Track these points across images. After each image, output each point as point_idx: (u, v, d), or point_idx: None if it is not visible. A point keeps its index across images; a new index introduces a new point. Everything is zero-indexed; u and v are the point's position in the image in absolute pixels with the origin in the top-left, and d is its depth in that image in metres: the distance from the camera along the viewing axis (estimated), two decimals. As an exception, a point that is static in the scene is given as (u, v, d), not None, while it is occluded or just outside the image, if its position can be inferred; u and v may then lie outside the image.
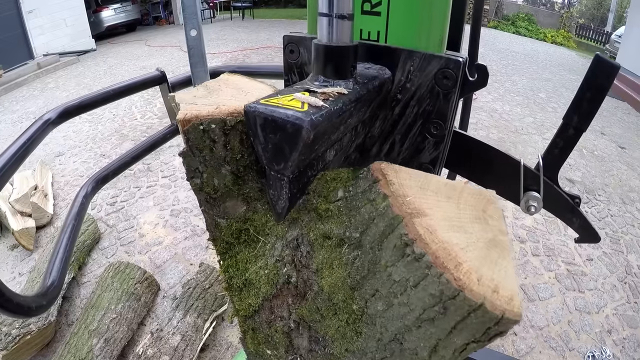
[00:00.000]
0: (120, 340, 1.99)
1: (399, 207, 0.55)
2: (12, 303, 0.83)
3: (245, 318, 0.86)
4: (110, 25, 11.58)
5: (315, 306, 0.71)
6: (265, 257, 0.79)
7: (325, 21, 0.74)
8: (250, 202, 0.78)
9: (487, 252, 0.51)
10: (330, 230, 0.66)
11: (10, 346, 1.90)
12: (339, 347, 0.70)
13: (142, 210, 3.36)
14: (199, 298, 2.13)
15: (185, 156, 0.71)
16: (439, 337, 0.53)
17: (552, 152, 1.15)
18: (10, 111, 6.04)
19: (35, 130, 1.06)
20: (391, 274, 0.56)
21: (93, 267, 2.71)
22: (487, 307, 0.45)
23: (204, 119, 0.67)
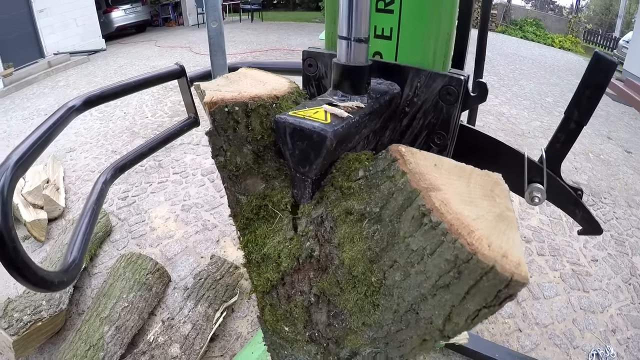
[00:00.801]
0: (131, 329, 2.02)
1: (416, 182, 0.60)
2: (36, 276, 0.87)
3: (264, 294, 0.91)
4: (120, 26, 11.67)
5: (335, 279, 0.75)
6: (283, 232, 0.84)
7: (345, 43, 0.86)
8: (269, 180, 0.85)
9: (496, 224, 0.55)
10: (352, 207, 0.71)
11: (21, 332, 1.92)
12: (357, 321, 0.74)
13: (153, 204, 3.40)
14: (210, 288, 2.17)
15: (211, 135, 0.79)
16: (453, 303, 0.57)
17: (554, 146, 1.19)
18: (21, 108, 6.12)
19: (60, 116, 1.10)
20: (409, 244, 0.60)
21: (104, 258, 2.75)
22: (497, 269, 0.49)
23: (228, 101, 0.75)
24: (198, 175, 3.83)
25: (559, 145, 1.18)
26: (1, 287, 2.56)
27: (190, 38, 11.22)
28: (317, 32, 11.54)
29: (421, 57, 1.01)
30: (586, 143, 4.86)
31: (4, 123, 5.50)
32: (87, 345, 1.86)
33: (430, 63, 1.00)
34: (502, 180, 0.63)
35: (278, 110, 0.81)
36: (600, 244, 2.98)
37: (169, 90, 6.18)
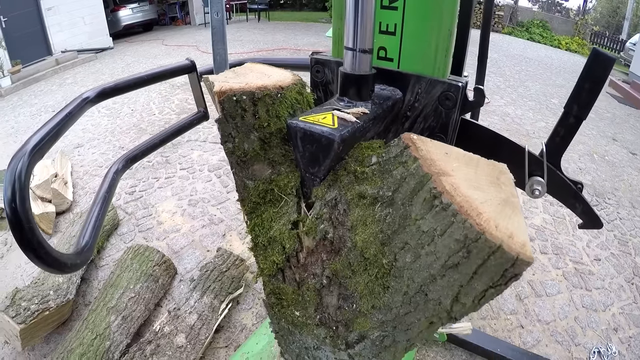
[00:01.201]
0: (137, 319, 2.05)
1: (427, 167, 0.63)
2: (50, 257, 0.90)
3: (270, 277, 0.95)
4: (127, 25, 11.75)
5: (348, 261, 0.79)
6: (288, 215, 0.88)
7: (350, 54, 0.94)
8: (275, 165, 0.89)
9: (502, 208, 0.58)
10: (365, 191, 0.74)
11: (28, 320, 1.93)
12: (366, 304, 0.78)
13: (160, 199, 3.43)
14: (216, 280, 2.19)
15: (220, 122, 0.84)
16: (461, 283, 0.60)
17: (554, 140, 1.22)
18: (29, 104, 6.16)
19: (75, 106, 1.13)
20: (420, 226, 0.63)
21: (111, 251, 2.79)
22: (504, 248, 0.52)
23: (236, 91, 0.80)
24: (205, 171, 3.86)
25: (559, 139, 1.21)
26: (9, 278, 2.60)
27: (197, 37, 11.27)
28: (323, 32, 11.57)
29: (423, 64, 1.08)
30: (591, 144, 4.86)
31: (12, 119, 5.54)
32: (94, 334, 1.88)
33: (430, 70, 1.08)
34: (507, 170, 0.66)
35: (283, 100, 0.86)
36: (604, 243, 2.98)
37: (176, 88, 6.23)
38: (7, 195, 0.85)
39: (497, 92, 6.55)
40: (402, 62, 1.12)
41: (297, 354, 1.06)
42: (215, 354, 2.04)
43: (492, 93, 6.41)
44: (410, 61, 1.10)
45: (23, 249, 0.87)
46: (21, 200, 0.84)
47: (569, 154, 4.44)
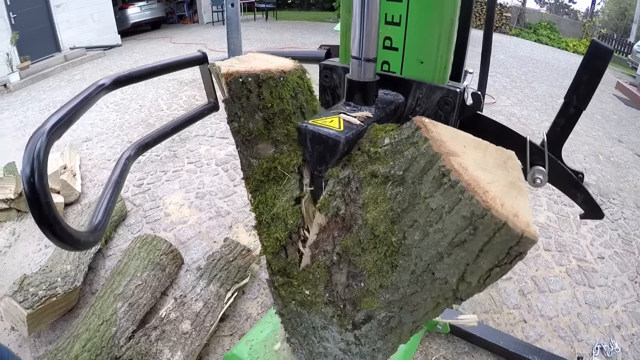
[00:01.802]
0: (143, 306, 2.08)
1: (437, 147, 0.64)
2: (64, 232, 0.93)
3: (274, 255, 0.98)
4: (135, 22, 11.79)
5: (358, 239, 0.80)
6: (291, 192, 0.94)
7: (356, 62, 1.02)
8: (278, 144, 0.95)
9: (509, 189, 0.59)
10: (377, 170, 0.76)
11: (35, 305, 1.95)
12: (374, 283, 0.80)
13: (168, 192, 3.47)
14: (223, 269, 2.22)
15: (227, 103, 0.91)
16: (468, 261, 0.62)
17: (555, 130, 1.25)
18: (38, 100, 6.22)
19: (91, 92, 1.16)
20: (429, 204, 0.65)
21: (119, 241, 2.83)
22: (509, 225, 0.54)
23: (242, 73, 0.86)
24: (212, 165, 3.89)
25: (559, 129, 1.23)
26: (16, 267, 2.65)
27: (205, 35, 11.32)
28: (331, 32, 11.59)
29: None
30: (597, 145, 4.85)
31: (21, 114, 5.60)
32: (100, 320, 1.91)
33: (430, 77, 1.15)
34: (515, 156, 0.68)
35: (285, 83, 0.92)
36: (607, 242, 2.99)
37: (184, 85, 6.28)
38: (26, 172, 0.87)
39: (503, 92, 6.55)
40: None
41: (304, 335, 1.08)
42: (220, 342, 2.07)
43: (498, 93, 6.42)
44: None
45: (39, 225, 0.90)
46: (39, 177, 0.87)
47: (574, 154, 4.45)
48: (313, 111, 1.05)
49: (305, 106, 1.01)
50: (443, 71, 1.14)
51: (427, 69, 1.18)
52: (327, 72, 1.39)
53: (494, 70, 8.03)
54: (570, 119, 1.19)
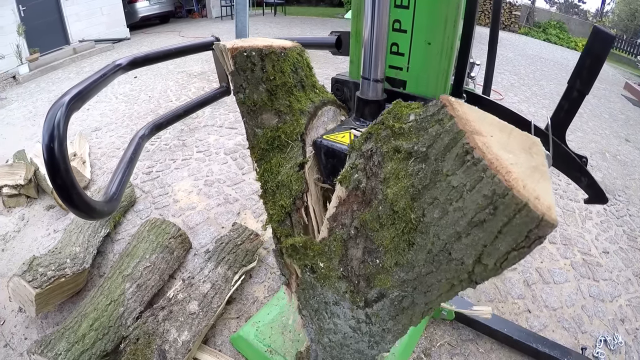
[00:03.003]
0: (151, 288, 2.11)
1: (462, 125, 0.64)
2: (81, 199, 0.96)
3: (279, 223, 1.03)
4: (144, 16, 11.80)
5: (377, 214, 0.81)
6: (295, 159, 0.99)
7: (366, 83, 1.17)
8: (281, 115, 1.00)
9: (531, 172, 0.58)
10: (400, 145, 0.77)
11: (44, 285, 1.97)
12: (390, 260, 0.80)
13: (176, 179, 3.51)
14: (231, 252, 2.25)
15: (233, 75, 0.96)
16: (485, 242, 0.62)
17: (559, 114, 1.27)
18: (47, 91, 6.27)
19: (108, 70, 1.19)
20: (450, 181, 0.64)
21: (127, 226, 2.86)
22: (530, 206, 0.53)
23: (246, 48, 0.93)
24: (221, 154, 3.93)
25: (563, 113, 1.26)
26: (25, 251, 2.68)
27: (214, 30, 11.34)
28: (339, 27, 11.51)
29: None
30: (604, 143, 4.85)
31: (30, 104, 5.65)
32: (108, 300, 1.93)
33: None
34: (540, 143, 0.66)
35: (286, 58, 0.99)
36: (613, 237, 2.99)
37: (192, 77, 6.31)
38: (45, 140, 0.90)
39: (511, 89, 6.55)
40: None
41: (315, 309, 1.10)
42: (226, 324, 2.10)
43: (506, 90, 6.41)
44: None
45: (57, 191, 0.92)
46: (59, 144, 0.89)
47: (581, 150, 4.40)
48: (312, 85, 1.10)
49: (305, 80, 1.07)
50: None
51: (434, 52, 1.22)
52: (338, 86, 1.52)
53: (502, 67, 8.01)
54: (573, 103, 1.21)
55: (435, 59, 1.27)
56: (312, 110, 1.05)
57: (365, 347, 1.10)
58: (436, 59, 1.26)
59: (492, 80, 1.91)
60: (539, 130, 1.29)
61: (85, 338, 1.76)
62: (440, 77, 1.31)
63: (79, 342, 1.73)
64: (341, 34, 1.73)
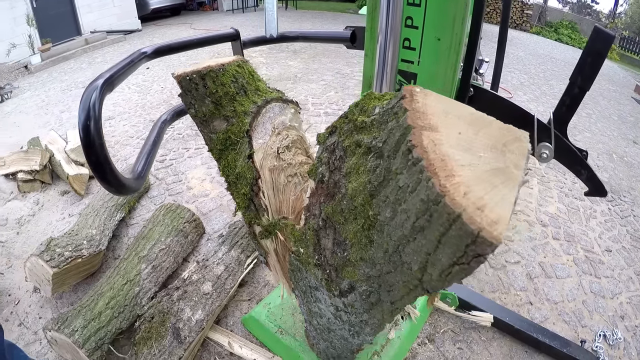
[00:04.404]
0: (166, 269, 2.18)
1: (413, 120, 0.58)
2: (114, 175, 1.04)
3: (245, 209, 1.16)
4: (155, 8, 11.84)
5: (340, 207, 0.81)
6: (244, 152, 1.11)
7: None
8: (229, 119, 1.14)
9: (489, 176, 0.51)
10: (361, 140, 0.75)
11: (61, 265, 2.02)
12: (355, 254, 0.80)
13: (190, 167, 3.58)
14: (244, 237, 2.32)
15: (181, 96, 1.14)
16: (428, 250, 0.56)
17: (561, 109, 1.34)
18: (59, 80, 6.36)
19: (134, 57, 1.27)
20: (399, 180, 0.60)
21: (142, 211, 2.94)
22: (464, 219, 0.46)
23: (188, 73, 1.09)
24: (233, 145, 3.96)
25: (565, 108, 1.32)
26: (40, 234, 2.77)
27: (225, 22, 11.38)
28: (350, 22, 11.56)
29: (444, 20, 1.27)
30: (611, 145, 4.85)
31: (43, 93, 5.73)
32: (125, 280, 2.00)
33: (448, 42, 1.27)
34: (525, 139, 0.59)
35: (224, 72, 1.14)
36: (616, 236, 3.02)
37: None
38: (82, 119, 0.97)
39: (520, 88, 6.55)
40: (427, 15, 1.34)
41: (303, 291, 1.16)
42: (238, 306, 2.17)
43: (515, 89, 6.42)
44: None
45: (92, 167, 0.99)
46: (95, 123, 0.97)
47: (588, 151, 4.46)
48: (256, 89, 1.23)
49: (247, 87, 1.20)
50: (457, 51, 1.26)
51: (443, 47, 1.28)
52: None
53: (512, 66, 8.00)
54: (574, 98, 1.28)
55: (444, 54, 1.34)
56: (255, 109, 1.17)
57: (347, 335, 1.15)
58: (445, 54, 1.34)
59: (501, 78, 1.96)
60: (542, 124, 1.35)
61: (102, 316, 1.82)
62: (449, 71, 1.38)
63: (95, 320, 1.79)
64: (355, 29, 1.80)
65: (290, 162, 1.13)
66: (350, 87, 5.74)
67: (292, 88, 5.59)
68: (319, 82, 5.95)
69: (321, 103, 5.08)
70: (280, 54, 7.52)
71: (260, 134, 1.15)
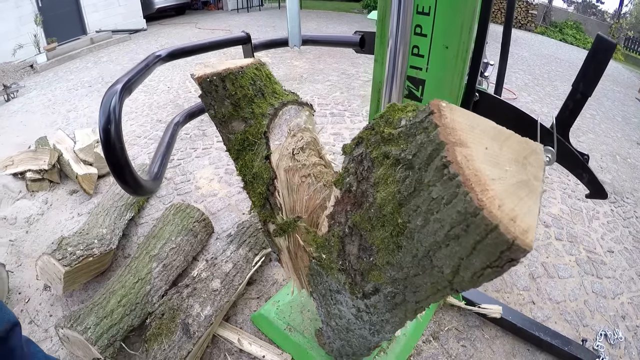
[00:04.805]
0: (176, 268, 2.22)
1: (445, 136, 0.62)
2: (132, 177, 1.09)
3: (261, 208, 1.21)
4: (160, 7, 11.88)
5: (368, 215, 0.84)
6: (262, 153, 1.16)
7: None
8: (247, 120, 1.19)
9: (516, 189, 0.57)
10: (389, 151, 0.77)
11: (73, 264, 2.06)
12: (382, 258, 0.83)
13: (198, 167, 3.63)
14: (252, 235, 2.36)
15: (202, 97, 1.17)
16: (461, 256, 0.62)
17: (563, 113, 1.38)
18: (65, 80, 6.41)
19: (150, 60, 1.32)
20: (431, 192, 0.64)
21: (151, 211, 2.99)
22: (501, 229, 0.52)
23: (209, 75, 1.13)
24: (240, 145, 4.01)
25: (567, 113, 1.37)
26: (49, 233, 2.82)
27: (230, 22, 11.41)
28: (356, 22, 11.60)
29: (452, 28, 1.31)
30: (615, 146, 4.86)
31: (49, 92, 5.78)
32: (136, 278, 2.04)
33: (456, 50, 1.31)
34: (541, 151, 0.64)
35: (243, 75, 1.19)
36: (618, 237, 3.05)
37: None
38: (102, 123, 1.02)
39: (525, 89, 6.56)
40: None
41: (322, 294, 1.19)
42: (247, 303, 2.22)
43: (520, 90, 6.43)
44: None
45: (112, 168, 1.04)
46: (115, 127, 1.02)
47: (591, 152, 4.48)
48: (273, 91, 1.28)
49: (264, 89, 1.25)
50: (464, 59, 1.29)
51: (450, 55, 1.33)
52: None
53: (517, 67, 8.00)
54: (577, 104, 1.32)
55: (451, 62, 1.39)
56: (273, 112, 1.22)
57: (367, 334, 1.18)
58: (452, 62, 1.38)
59: (504, 80, 1.99)
60: (545, 129, 1.39)
61: (114, 313, 1.86)
62: (456, 77, 1.42)
63: (107, 317, 1.84)
64: (364, 34, 1.84)
65: (304, 163, 1.17)
66: (356, 87, 5.77)
67: (298, 88, 5.63)
68: (324, 82, 5.98)
69: (327, 104, 5.11)
70: (286, 53, 7.55)
71: (277, 136, 1.19)
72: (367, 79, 6.12)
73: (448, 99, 1.47)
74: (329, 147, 4.00)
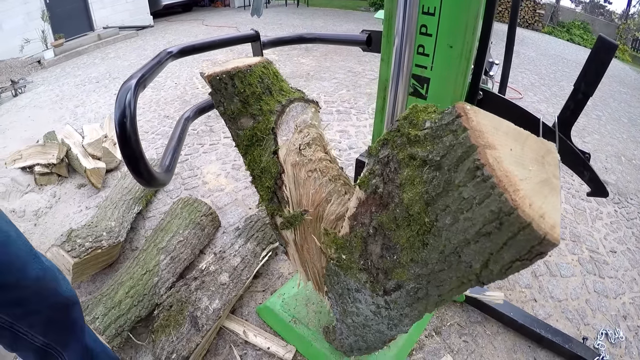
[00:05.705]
0: (183, 261, 2.26)
1: (475, 139, 0.65)
2: (146, 169, 1.12)
3: (269, 202, 1.25)
4: (167, 4, 11.89)
5: (393, 216, 0.86)
6: (270, 148, 1.20)
7: None
8: (255, 117, 1.24)
9: (540, 187, 0.61)
10: (416, 153, 0.79)
11: (82, 255, 2.09)
12: (406, 256, 0.85)
13: (205, 162, 3.67)
14: (260, 230, 2.40)
15: (212, 94, 1.24)
16: (492, 251, 0.66)
17: (565, 113, 1.41)
18: (73, 75, 6.46)
19: (161, 57, 1.35)
20: (462, 192, 0.66)
21: (158, 205, 3.03)
22: (533, 226, 0.57)
23: (218, 73, 1.19)
24: (247, 140, 4.05)
25: (569, 112, 1.40)
26: (57, 226, 2.86)
27: (237, 19, 11.42)
28: (362, 20, 11.58)
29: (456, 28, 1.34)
30: (620, 147, 4.85)
31: (57, 88, 5.83)
32: (144, 270, 2.08)
33: (460, 49, 1.33)
34: (554, 150, 0.68)
35: (251, 73, 1.23)
36: (621, 238, 3.05)
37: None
38: (118, 117, 1.05)
39: (531, 89, 6.55)
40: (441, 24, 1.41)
41: (339, 294, 1.20)
42: (253, 296, 2.26)
43: (526, 89, 6.41)
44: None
45: (127, 161, 1.07)
46: (130, 121, 1.05)
47: (596, 153, 4.48)
48: (280, 89, 1.31)
49: (272, 87, 1.29)
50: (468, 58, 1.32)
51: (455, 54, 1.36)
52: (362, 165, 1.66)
53: (523, 66, 7.98)
54: (578, 103, 1.35)
55: (455, 61, 1.42)
56: (280, 108, 1.26)
57: (385, 329, 1.19)
58: (457, 61, 1.42)
59: (511, 78, 2.02)
60: (547, 127, 1.42)
61: (122, 304, 1.90)
62: (460, 76, 1.45)
63: (115, 308, 1.88)
64: (371, 33, 1.87)
65: (310, 158, 1.20)
66: (362, 85, 5.79)
67: (304, 86, 5.65)
68: (331, 80, 6.00)
69: (333, 101, 5.14)
70: (293, 51, 7.57)
71: (284, 132, 1.23)
72: (373, 77, 6.14)
73: (452, 97, 1.51)
74: (335, 143, 4.02)
